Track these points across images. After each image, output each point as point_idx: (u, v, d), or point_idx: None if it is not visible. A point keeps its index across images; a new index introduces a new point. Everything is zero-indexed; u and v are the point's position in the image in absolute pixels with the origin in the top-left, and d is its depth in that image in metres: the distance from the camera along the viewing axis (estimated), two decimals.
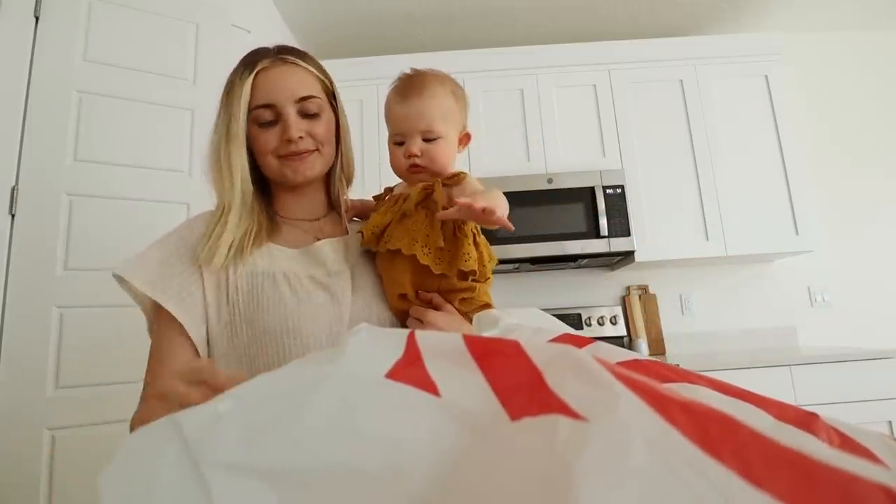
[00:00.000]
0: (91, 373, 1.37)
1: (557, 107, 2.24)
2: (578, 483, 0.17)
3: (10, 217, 1.35)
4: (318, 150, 0.71)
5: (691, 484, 0.16)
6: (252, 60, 0.70)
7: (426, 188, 0.67)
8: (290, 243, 0.71)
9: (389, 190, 0.76)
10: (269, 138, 0.69)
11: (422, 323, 0.65)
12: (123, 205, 1.49)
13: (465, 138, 0.75)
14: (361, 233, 0.71)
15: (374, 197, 0.79)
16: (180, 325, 0.62)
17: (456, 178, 0.68)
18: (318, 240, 0.73)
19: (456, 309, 0.68)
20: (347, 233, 0.77)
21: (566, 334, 0.37)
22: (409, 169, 0.70)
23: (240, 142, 0.68)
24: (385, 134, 0.75)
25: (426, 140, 0.69)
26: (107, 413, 1.37)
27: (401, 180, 0.76)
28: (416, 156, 0.68)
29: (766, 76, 2.25)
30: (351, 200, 0.81)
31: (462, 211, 0.58)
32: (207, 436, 0.22)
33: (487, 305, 0.70)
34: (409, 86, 0.70)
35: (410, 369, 0.25)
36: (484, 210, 0.56)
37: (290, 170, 0.70)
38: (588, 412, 0.20)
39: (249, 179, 0.70)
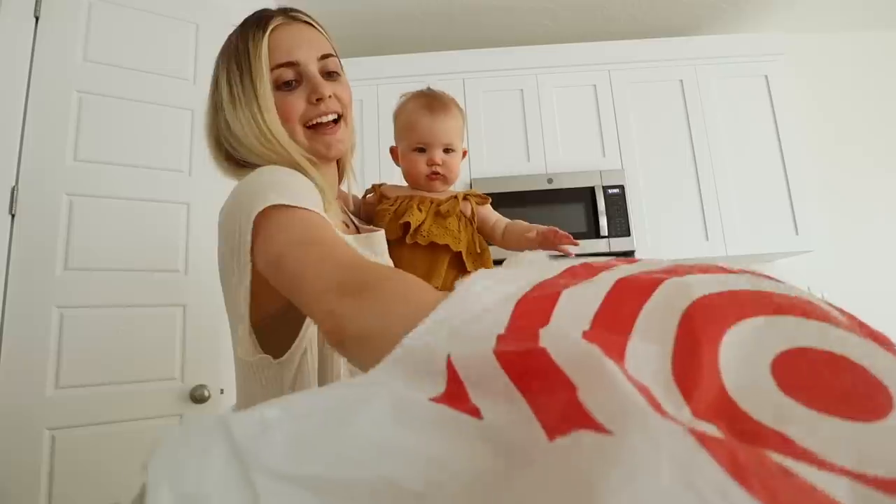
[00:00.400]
0: (91, 373, 1.37)
1: (557, 107, 2.24)
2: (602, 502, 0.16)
3: (10, 217, 1.35)
4: (342, 117, 0.66)
5: None
6: (261, 19, 0.64)
7: (456, 197, 0.80)
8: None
9: (377, 187, 0.84)
10: (295, 101, 0.63)
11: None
12: (123, 205, 1.49)
13: (464, 153, 0.85)
14: (408, 223, 0.75)
15: (367, 190, 0.86)
16: None
17: (486, 199, 0.82)
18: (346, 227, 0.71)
19: None
20: (352, 220, 0.77)
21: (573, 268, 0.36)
22: (429, 176, 0.80)
23: (272, 104, 0.62)
24: (384, 134, 0.78)
25: (446, 152, 0.80)
26: (107, 413, 1.37)
27: (386, 181, 0.85)
28: (438, 164, 0.79)
29: (766, 76, 2.25)
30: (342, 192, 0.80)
31: (544, 234, 0.75)
32: (256, 441, 0.22)
33: None
34: (437, 102, 0.81)
35: (454, 399, 0.25)
36: (562, 237, 0.74)
37: (322, 144, 0.65)
38: (615, 426, 0.19)
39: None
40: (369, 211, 0.84)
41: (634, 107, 2.24)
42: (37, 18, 1.45)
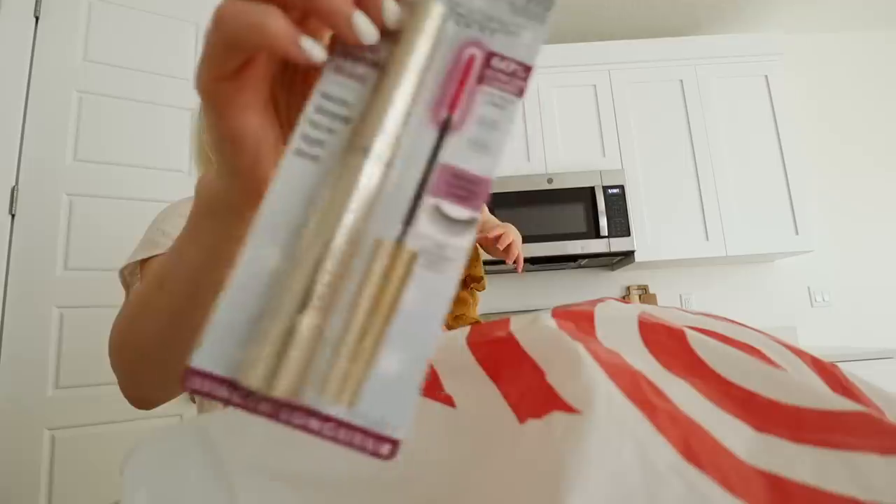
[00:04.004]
0: (91, 373, 1.37)
1: (557, 107, 2.24)
2: (570, 476, 0.17)
3: (10, 217, 1.35)
4: None
5: (675, 487, 0.18)
6: None
7: None
8: None
9: None
10: None
11: None
12: (123, 205, 1.49)
13: None
14: None
15: None
16: None
17: None
18: None
19: (448, 327, 0.69)
20: None
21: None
22: None
23: None
24: None
25: None
26: (107, 413, 1.37)
27: None
28: None
29: (766, 76, 2.25)
30: None
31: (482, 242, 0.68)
32: (233, 440, 0.23)
33: (477, 322, 0.72)
34: None
35: (429, 389, 0.26)
36: (510, 247, 0.67)
37: None
38: (582, 405, 0.20)
39: None
40: None
41: (634, 107, 2.24)
42: (37, 18, 1.45)
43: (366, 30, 0.19)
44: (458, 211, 0.18)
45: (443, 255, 0.17)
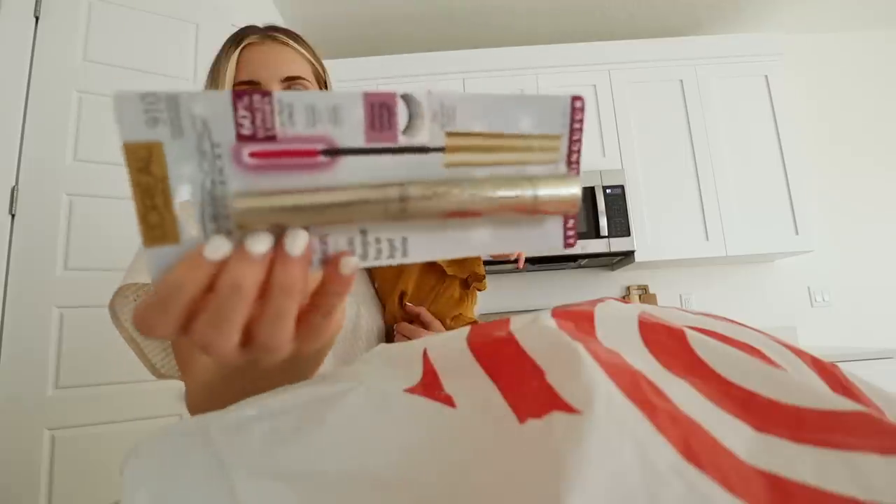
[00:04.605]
0: (91, 373, 1.37)
1: None
2: (570, 476, 0.17)
3: (10, 217, 1.35)
4: None
5: (675, 487, 0.17)
6: (239, 36, 0.65)
7: None
8: None
9: None
10: None
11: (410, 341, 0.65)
12: (123, 205, 1.49)
13: None
14: None
15: None
16: None
17: None
18: None
19: (447, 327, 0.69)
20: None
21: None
22: None
23: None
24: None
25: None
26: (107, 413, 1.37)
27: None
28: None
29: (766, 76, 2.25)
30: None
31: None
32: (234, 439, 0.23)
33: (475, 322, 0.73)
34: None
35: (429, 389, 0.26)
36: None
37: None
38: (582, 405, 0.20)
39: None
40: None
41: (634, 107, 2.24)
42: (37, 18, 1.45)
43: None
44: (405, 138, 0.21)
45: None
